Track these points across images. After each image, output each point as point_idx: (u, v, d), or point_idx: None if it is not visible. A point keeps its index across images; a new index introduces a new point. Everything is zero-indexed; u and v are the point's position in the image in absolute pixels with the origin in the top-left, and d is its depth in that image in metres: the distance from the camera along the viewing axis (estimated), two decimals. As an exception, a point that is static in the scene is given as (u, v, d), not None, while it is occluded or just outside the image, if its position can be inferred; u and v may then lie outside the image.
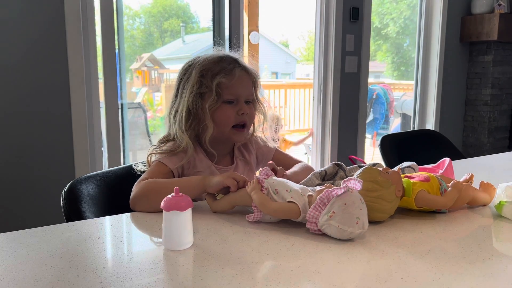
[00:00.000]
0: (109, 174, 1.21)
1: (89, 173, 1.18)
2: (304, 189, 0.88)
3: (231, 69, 1.13)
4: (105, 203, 1.13)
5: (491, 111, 3.73)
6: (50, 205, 2.14)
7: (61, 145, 2.18)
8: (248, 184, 0.91)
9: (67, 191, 1.08)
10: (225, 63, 1.14)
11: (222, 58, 1.15)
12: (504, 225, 0.91)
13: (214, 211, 0.97)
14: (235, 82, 1.12)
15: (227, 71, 1.12)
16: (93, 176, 1.17)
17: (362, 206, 0.80)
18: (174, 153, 1.11)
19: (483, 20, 3.55)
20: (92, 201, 1.11)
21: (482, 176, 1.12)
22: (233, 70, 1.13)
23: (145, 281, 0.65)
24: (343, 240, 0.80)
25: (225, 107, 1.13)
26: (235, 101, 1.14)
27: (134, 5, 3.80)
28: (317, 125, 3.23)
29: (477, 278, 0.66)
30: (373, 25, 3.26)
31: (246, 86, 1.15)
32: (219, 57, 1.15)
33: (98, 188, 1.14)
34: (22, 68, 2.06)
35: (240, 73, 1.14)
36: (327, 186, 0.83)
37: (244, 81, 1.15)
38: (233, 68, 1.13)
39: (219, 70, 1.12)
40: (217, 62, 1.14)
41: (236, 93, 1.13)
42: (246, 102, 1.16)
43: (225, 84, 1.11)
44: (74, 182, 1.11)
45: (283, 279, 0.65)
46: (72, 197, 1.08)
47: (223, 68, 1.13)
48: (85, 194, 1.10)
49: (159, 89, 4.65)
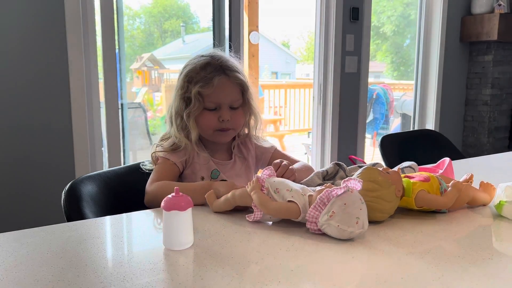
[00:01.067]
0: (109, 174, 1.21)
1: (89, 173, 1.19)
2: (305, 189, 0.88)
3: (211, 78, 1.13)
4: (106, 203, 1.13)
5: (491, 111, 3.73)
6: (50, 205, 2.14)
7: (61, 145, 2.18)
8: (248, 184, 0.91)
9: (67, 190, 1.09)
10: (207, 71, 1.15)
11: (208, 64, 1.16)
12: (504, 225, 0.91)
13: (214, 211, 0.97)
14: (215, 90, 1.13)
15: (206, 80, 1.13)
16: (94, 176, 1.17)
17: (362, 206, 0.80)
18: (175, 149, 1.17)
19: (483, 20, 3.55)
20: (93, 201, 1.11)
21: (482, 176, 1.12)
22: (213, 79, 1.13)
23: (145, 281, 0.65)
24: (343, 240, 0.80)
25: (207, 114, 1.16)
26: (217, 107, 1.16)
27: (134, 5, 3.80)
28: (317, 125, 3.23)
29: (477, 278, 0.66)
30: (372, 24, 3.26)
31: (228, 93, 1.16)
32: (203, 64, 1.16)
33: (98, 188, 1.15)
34: (22, 68, 2.06)
35: (221, 80, 1.14)
36: (327, 186, 0.83)
37: (225, 89, 1.15)
38: (213, 77, 1.14)
39: (199, 78, 1.14)
40: (201, 69, 1.15)
41: (217, 101, 1.15)
42: (232, 108, 1.17)
43: (204, 92, 1.13)
44: (75, 181, 1.11)
45: (283, 279, 0.66)
46: (73, 197, 1.08)
47: (203, 77, 1.14)
48: (86, 194, 1.11)
49: (159, 89, 4.65)
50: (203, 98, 1.14)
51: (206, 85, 1.13)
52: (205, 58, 1.18)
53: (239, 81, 1.18)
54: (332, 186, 0.83)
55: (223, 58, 1.19)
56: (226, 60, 1.19)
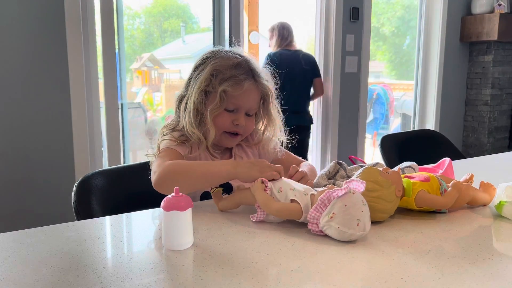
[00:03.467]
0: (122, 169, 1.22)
1: (102, 168, 1.20)
2: (308, 189, 0.88)
3: (242, 80, 1.09)
4: (116, 198, 1.15)
5: (491, 111, 3.73)
6: (51, 205, 2.14)
7: (61, 145, 2.18)
8: (253, 184, 0.91)
9: (79, 184, 1.10)
10: (239, 71, 1.10)
11: (239, 65, 1.11)
12: (504, 225, 0.91)
13: (220, 209, 0.97)
14: (241, 94, 1.09)
15: (237, 81, 1.09)
16: (105, 171, 1.19)
17: (364, 208, 0.79)
18: (183, 141, 1.11)
19: (483, 20, 3.55)
20: (103, 196, 1.13)
21: (482, 176, 1.12)
22: (243, 81, 1.09)
23: (145, 281, 0.65)
24: (343, 240, 0.80)
25: (224, 114, 1.11)
26: (235, 110, 1.12)
27: (134, 5, 3.80)
28: (317, 125, 3.23)
29: (477, 278, 0.66)
30: (371, 24, 3.26)
31: (251, 100, 1.13)
32: (235, 63, 1.11)
33: (110, 183, 1.16)
34: (22, 68, 2.06)
35: (250, 86, 1.10)
36: (329, 187, 0.83)
37: (251, 95, 1.12)
38: (244, 79, 1.09)
39: (229, 76, 1.09)
40: (232, 67, 1.10)
41: (238, 104, 1.11)
42: (247, 114, 1.14)
43: (230, 93, 1.09)
44: (87, 176, 1.13)
45: (283, 279, 0.65)
46: (84, 191, 1.10)
47: (234, 76, 1.09)
48: (96, 188, 1.13)
49: (159, 89, 4.65)
50: (226, 98, 1.09)
51: (236, 86, 1.08)
52: (236, 57, 1.13)
53: (265, 89, 1.14)
54: (334, 187, 0.82)
55: (253, 62, 1.15)
56: (255, 64, 1.15)
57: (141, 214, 0.98)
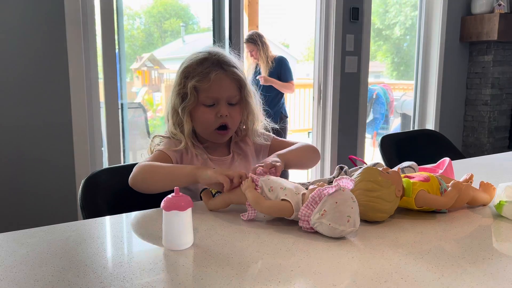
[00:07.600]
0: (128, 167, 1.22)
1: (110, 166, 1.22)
2: (299, 188, 0.88)
3: (208, 72, 1.12)
4: (122, 196, 1.15)
5: (491, 111, 3.73)
6: (51, 205, 2.14)
7: (61, 144, 2.18)
8: (243, 183, 0.91)
9: (85, 181, 1.12)
10: (204, 66, 1.14)
11: (205, 59, 1.15)
12: (504, 225, 0.91)
13: (210, 209, 0.98)
14: (212, 85, 1.12)
15: (203, 75, 1.12)
16: (113, 169, 1.21)
17: (354, 205, 0.80)
18: (173, 144, 1.16)
19: (483, 20, 3.55)
20: (109, 193, 1.15)
21: (482, 176, 1.12)
22: (209, 73, 1.12)
23: (145, 281, 0.65)
24: (342, 240, 0.80)
25: (204, 110, 1.15)
26: (215, 103, 1.15)
27: (134, 5, 3.80)
28: (317, 125, 3.23)
29: (477, 278, 0.66)
30: (374, 26, 3.26)
31: (225, 88, 1.15)
32: (201, 59, 1.15)
33: (117, 181, 1.16)
34: (22, 68, 2.06)
35: (218, 76, 1.13)
36: (319, 185, 0.83)
37: (222, 84, 1.14)
38: (210, 71, 1.13)
39: (196, 73, 1.13)
40: (198, 64, 1.15)
41: (213, 96, 1.14)
42: (230, 104, 1.16)
43: (200, 87, 1.13)
44: (94, 173, 1.16)
45: (283, 279, 0.66)
46: (90, 188, 1.11)
47: (199, 72, 1.13)
48: (102, 186, 1.14)
49: (159, 89, 4.66)
50: (199, 93, 1.13)
51: (202, 80, 1.12)
52: (203, 54, 1.17)
53: (237, 76, 1.16)
54: (324, 185, 0.83)
55: (221, 54, 1.18)
56: (223, 55, 1.18)
57: (141, 214, 0.98)
